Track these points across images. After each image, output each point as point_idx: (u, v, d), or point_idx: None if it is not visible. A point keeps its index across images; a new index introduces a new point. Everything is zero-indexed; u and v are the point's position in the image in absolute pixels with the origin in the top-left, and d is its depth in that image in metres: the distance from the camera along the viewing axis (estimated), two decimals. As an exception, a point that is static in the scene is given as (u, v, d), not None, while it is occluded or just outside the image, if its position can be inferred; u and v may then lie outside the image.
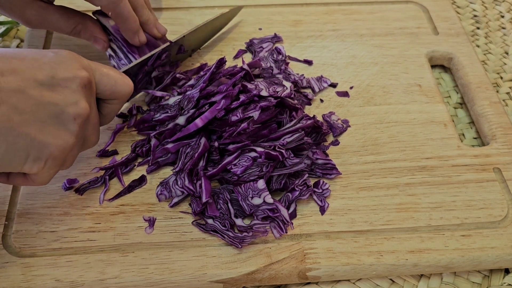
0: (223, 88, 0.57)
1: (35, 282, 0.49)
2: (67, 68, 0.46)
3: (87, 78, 0.47)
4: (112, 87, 0.51)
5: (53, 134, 0.44)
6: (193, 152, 0.56)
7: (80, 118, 0.46)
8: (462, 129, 0.67)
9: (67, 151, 0.46)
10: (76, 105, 0.45)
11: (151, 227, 0.53)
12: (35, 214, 0.54)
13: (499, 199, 0.57)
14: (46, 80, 0.44)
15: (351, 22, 0.76)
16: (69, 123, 0.45)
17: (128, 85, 0.52)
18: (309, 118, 0.59)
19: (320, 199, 0.56)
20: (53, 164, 0.46)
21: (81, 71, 0.46)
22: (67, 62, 0.46)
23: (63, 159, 0.46)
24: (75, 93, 0.45)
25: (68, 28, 0.60)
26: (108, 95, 0.51)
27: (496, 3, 0.85)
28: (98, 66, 0.50)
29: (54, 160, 0.45)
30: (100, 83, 0.50)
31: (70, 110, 0.45)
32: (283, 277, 0.51)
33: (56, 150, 0.45)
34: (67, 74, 0.45)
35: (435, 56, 0.73)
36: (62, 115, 0.45)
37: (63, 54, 0.47)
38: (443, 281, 0.54)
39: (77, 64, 0.47)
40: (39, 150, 0.44)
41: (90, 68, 0.49)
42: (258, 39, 0.72)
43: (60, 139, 0.45)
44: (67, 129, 0.45)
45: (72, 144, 0.46)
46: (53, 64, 0.45)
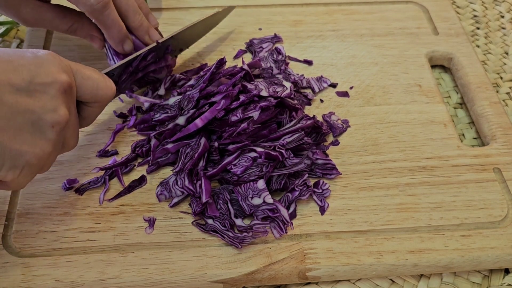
0: (223, 88, 0.57)
1: (35, 282, 0.49)
2: (46, 72, 0.43)
3: (67, 82, 0.44)
4: (93, 91, 0.49)
5: (29, 142, 0.43)
6: (193, 152, 0.56)
7: (58, 125, 0.44)
8: (462, 129, 0.67)
9: (44, 159, 0.44)
10: (54, 112, 0.43)
11: (151, 227, 0.53)
12: (35, 214, 0.54)
13: (499, 199, 0.57)
14: (23, 84, 0.42)
15: (351, 22, 0.76)
16: (47, 131, 0.43)
17: (110, 88, 0.50)
18: (309, 118, 0.59)
19: (320, 199, 0.56)
20: (29, 172, 0.44)
21: (61, 74, 0.44)
22: (46, 65, 0.44)
23: (40, 166, 0.45)
24: (53, 99, 0.43)
25: (64, 27, 0.60)
26: (89, 98, 0.49)
27: (496, 3, 0.85)
28: (80, 68, 0.48)
29: (30, 167, 0.44)
30: (81, 86, 0.48)
31: (48, 117, 0.43)
32: (283, 277, 0.51)
33: (33, 159, 0.43)
34: (46, 78, 0.43)
35: (435, 56, 0.73)
36: (39, 123, 0.43)
37: (42, 55, 0.44)
38: (443, 281, 0.54)
39: (57, 67, 0.44)
40: (14, 159, 0.42)
41: (70, 71, 0.46)
42: (258, 39, 0.72)
43: (37, 147, 0.43)
44: (45, 137, 0.43)
45: (49, 152, 0.44)
46: (31, 67, 0.43)
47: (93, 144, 0.60)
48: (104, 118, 0.62)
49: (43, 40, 0.70)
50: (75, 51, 0.69)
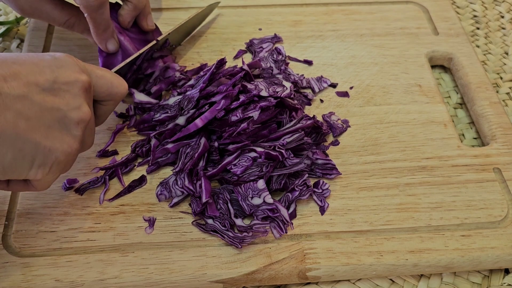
0: (223, 88, 0.57)
1: (35, 282, 0.49)
2: (67, 72, 0.45)
3: (87, 81, 0.47)
4: (108, 89, 0.51)
5: (58, 139, 0.44)
6: (193, 152, 0.56)
7: (83, 122, 0.46)
8: (462, 129, 0.67)
9: (72, 155, 0.46)
10: (78, 110, 0.45)
11: (151, 227, 0.53)
12: (35, 214, 0.54)
13: (499, 199, 0.57)
14: (48, 84, 0.44)
15: (351, 22, 0.76)
16: (73, 128, 0.45)
17: (123, 86, 0.52)
18: (309, 118, 0.59)
19: (320, 199, 0.56)
20: (57, 169, 0.45)
21: (81, 74, 0.46)
22: (66, 66, 0.46)
23: (66, 163, 0.46)
24: (76, 97, 0.45)
25: (61, 20, 0.60)
26: (104, 97, 0.51)
27: (496, 3, 0.85)
28: (93, 68, 0.50)
29: (58, 165, 0.45)
30: (97, 85, 0.50)
31: (73, 114, 0.45)
32: (283, 277, 0.51)
33: (62, 155, 0.45)
34: (68, 78, 0.45)
35: (435, 56, 0.73)
36: (65, 120, 0.44)
37: (61, 57, 0.46)
38: (443, 281, 0.54)
39: (77, 67, 0.46)
40: (45, 156, 0.44)
41: (87, 71, 0.48)
42: (258, 39, 0.72)
43: (65, 144, 0.45)
44: (71, 134, 0.45)
45: (76, 149, 0.46)
46: (54, 68, 0.45)
47: (93, 144, 0.60)
48: (104, 118, 0.62)
49: (43, 40, 0.70)
50: (75, 51, 0.69)
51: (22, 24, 0.77)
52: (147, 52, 0.62)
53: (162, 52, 0.65)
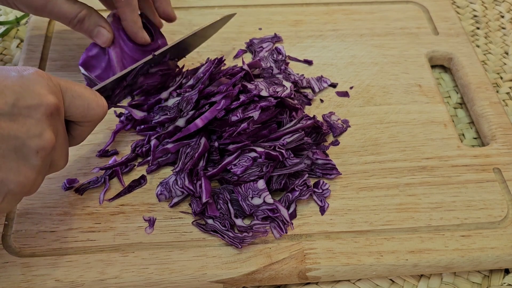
0: (223, 88, 0.57)
1: (35, 282, 0.49)
2: (32, 94, 0.41)
3: (53, 105, 0.42)
4: (84, 110, 0.47)
5: (13, 170, 0.40)
6: (193, 152, 0.56)
7: (43, 151, 0.41)
8: (462, 129, 0.67)
9: (29, 186, 0.42)
10: (39, 138, 0.41)
11: (151, 227, 0.53)
12: (35, 214, 0.54)
13: (499, 200, 0.57)
14: (7, 108, 0.39)
15: (351, 22, 0.76)
16: (31, 157, 0.41)
17: (101, 107, 0.48)
18: (309, 118, 0.59)
19: (320, 199, 0.56)
20: (12, 199, 0.42)
21: (47, 97, 0.42)
22: (32, 86, 0.41)
23: (25, 192, 0.42)
24: (38, 123, 0.41)
25: (72, 13, 0.58)
26: (80, 118, 0.47)
27: (496, 3, 0.85)
28: (70, 86, 0.46)
29: (14, 195, 0.41)
30: (71, 106, 0.46)
31: (32, 143, 0.41)
32: (283, 277, 0.51)
33: (16, 187, 0.41)
34: (31, 101, 0.40)
35: (435, 56, 0.73)
36: (23, 149, 0.40)
37: (28, 75, 0.42)
38: (443, 281, 0.54)
39: (44, 88, 0.42)
40: None
41: (59, 90, 0.44)
42: (258, 39, 0.72)
43: (20, 175, 0.41)
44: (29, 164, 0.41)
45: (33, 179, 0.42)
46: (16, 88, 0.40)
47: (93, 144, 0.60)
48: (104, 118, 0.62)
49: (43, 40, 0.70)
50: (75, 51, 0.69)
51: (22, 24, 0.77)
52: (141, 67, 0.60)
53: (162, 66, 0.63)
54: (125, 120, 0.61)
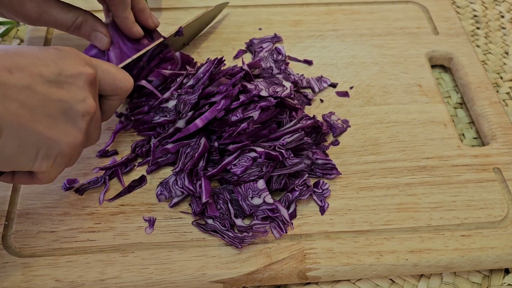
0: (223, 89, 0.57)
1: (35, 282, 0.49)
2: (72, 65, 0.45)
3: (92, 74, 0.46)
4: (113, 84, 0.51)
5: (62, 131, 0.44)
6: (193, 152, 0.56)
7: (88, 115, 0.45)
8: (462, 129, 0.67)
9: (76, 148, 0.46)
10: (84, 102, 0.45)
11: (151, 227, 0.53)
12: (35, 214, 0.54)
13: (499, 199, 0.57)
14: (53, 76, 0.43)
15: (351, 22, 0.76)
16: (78, 120, 0.45)
17: (128, 81, 0.52)
18: (309, 118, 0.59)
19: (320, 199, 0.56)
20: (61, 162, 0.45)
21: (86, 67, 0.46)
22: (71, 59, 0.45)
23: (71, 157, 0.46)
24: (82, 90, 0.45)
25: (68, 22, 0.60)
26: (109, 91, 0.51)
27: (496, 3, 0.85)
28: (99, 63, 0.50)
29: (63, 157, 0.45)
30: (102, 80, 0.50)
31: (78, 107, 0.45)
32: (283, 277, 0.51)
33: (66, 147, 0.44)
34: (73, 70, 0.45)
35: (435, 56, 0.73)
36: (70, 112, 0.44)
37: (66, 50, 0.46)
38: (443, 281, 0.54)
39: (81, 60, 0.46)
40: (49, 147, 0.43)
41: (92, 65, 0.48)
42: (258, 39, 0.72)
43: (70, 136, 0.44)
44: (76, 126, 0.45)
45: (81, 141, 0.46)
46: (58, 60, 0.44)
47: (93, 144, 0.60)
48: (104, 118, 0.62)
49: (43, 40, 0.70)
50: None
51: (22, 24, 0.77)
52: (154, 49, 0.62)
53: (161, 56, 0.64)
54: (125, 121, 0.61)
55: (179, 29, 0.65)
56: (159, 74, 0.63)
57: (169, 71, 0.63)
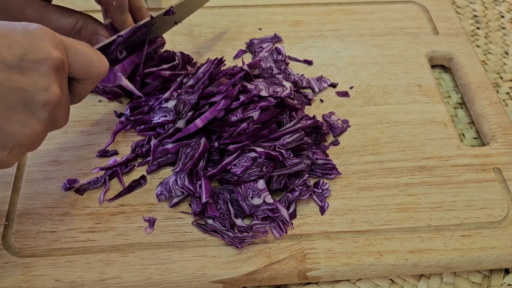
0: (223, 89, 0.57)
1: (35, 282, 0.49)
2: (39, 48, 0.41)
3: (59, 59, 0.43)
4: (86, 68, 0.47)
5: (20, 122, 0.41)
6: (193, 152, 0.56)
7: (50, 105, 0.42)
8: (462, 129, 0.67)
9: (35, 139, 0.43)
10: (46, 91, 0.42)
11: (151, 227, 0.53)
12: (35, 214, 0.54)
13: (499, 199, 0.57)
14: (15, 62, 0.40)
15: (351, 22, 0.76)
16: (38, 110, 0.42)
17: (103, 64, 0.49)
18: (309, 118, 0.59)
19: (320, 199, 0.56)
20: (18, 152, 0.43)
21: (53, 51, 0.42)
22: (39, 40, 0.42)
23: (30, 145, 0.44)
24: (45, 77, 0.42)
25: (69, 26, 0.59)
26: (82, 76, 0.47)
27: (496, 3, 0.85)
28: (73, 43, 0.46)
29: (20, 147, 0.43)
30: (74, 63, 0.46)
31: (40, 96, 0.41)
32: (283, 277, 0.51)
33: (23, 139, 0.42)
34: (38, 55, 0.41)
35: (435, 56, 0.73)
36: (31, 102, 0.41)
37: (34, 29, 0.42)
38: (443, 281, 0.54)
39: (50, 43, 0.42)
40: (4, 139, 0.41)
41: (63, 46, 0.45)
42: (258, 39, 0.72)
43: (28, 127, 0.42)
44: (36, 116, 0.42)
45: (40, 132, 0.43)
46: (24, 42, 0.41)
47: (93, 144, 0.60)
48: (104, 118, 0.62)
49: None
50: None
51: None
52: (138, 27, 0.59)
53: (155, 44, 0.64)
54: (125, 121, 0.61)
55: (170, 9, 0.63)
56: (158, 75, 0.63)
57: (169, 72, 0.63)
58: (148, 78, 0.63)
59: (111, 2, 0.59)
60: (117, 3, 0.59)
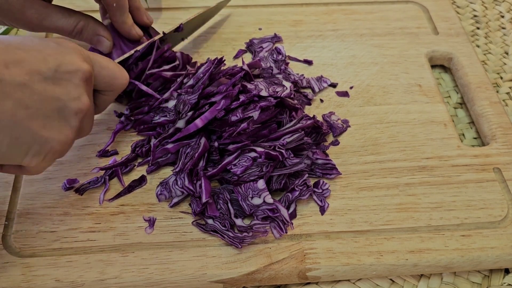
0: (223, 88, 0.57)
1: (35, 282, 0.49)
2: (70, 61, 0.45)
3: (89, 71, 0.47)
4: (110, 80, 0.51)
5: (55, 130, 0.44)
6: (193, 152, 0.56)
7: (81, 113, 0.46)
8: (462, 129, 0.67)
9: (67, 145, 0.46)
10: (78, 100, 0.45)
11: (151, 227, 0.53)
12: (35, 214, 0.54)
13: (499, 199, 0.57)
14: (50, 73, 0.43)
15: (351, 22, 0.76)
16: (71, 118, 0.45)
17: (125, 77, 0.53)
18: (309, 118, 0.59)
19: (320, 199, 0.56)
20: (51, 158, 0.46)
21: (83, 64, 0.46)
22: (70, 54, 0.46)
23: (61, 152, 0.46)
24: (77, 87, 0.45)
25: (69, 27, 0.59)
26: (105, 87, 0.52)
27: (496, 3, 0.85)
28: (97, 58, 0.50)
29: (53, 154, 0.45)
30: (99, 76, 0.50)
31: (72, 105, 0.45)
32: (283, 277, 0.51)
33: (57, 145, 0.45)
34: (70, 67, 0.45)
35: (435, 56, 0.73)
36: (65, 110, 0.45)
37: (66, 44, 0.46)
38: (443, 281, 0.54)
39: (80, 56, 0.46)
40: (40, 145, 0.44)
41: (90, 60, 0.48)
42: (258, 39, 0.72)
43: (62, 134, 0.45)
44: (69, 124, 0.45)
45: (72, 139, 0.46)
46: (57, 56, 0.44)
47: (93, 144, 0.60)
48: (104, 118, 0.62)
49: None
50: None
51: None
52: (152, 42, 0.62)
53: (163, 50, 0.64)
54: (125, 120, 0.61)
55: (180, 26, 0.66)
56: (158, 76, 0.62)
57: (170, 72, 0.63)
58: (150, 78, 0.63)
59: (111, 4, 0.59)
60: (117, 4, 0.59)
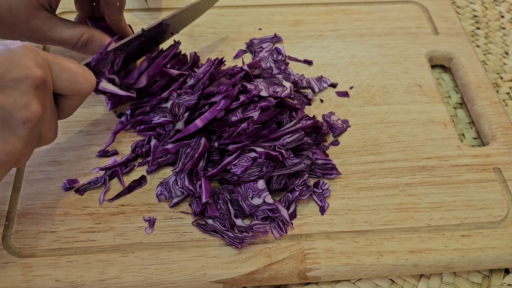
0: (223, 89, 0.57)
1: (35, 282, 0.49)
2: (18, 67, 0.42)
3: (40, 77, 0.43)
4: (71, 84, 0.48)
5: (0, 140, 0.42)
6: (193, 152, 0.56)
7: (30, 122, 0.43)
8: (462, 129, 0.67)
9: (16, 156, 0.43)
10: (25, 109, 0.42)
11: (151, 227, 0.53)
12: (35, 214, 0.54)
13: (499, 199, 0.57)
14: None
15: (351, 22, 0.76)
16: (18, 128, 0.42)
17: (89, 80, 0.49)
18: (309, 118, 0.59)
19: (320, 199, 0.56)
20: (1, 168, 0.43)
21: (33, 70, 0.43)
22: (20, 60, 0.42)
23: (13, 162, 0.44)
24: (25, 95, 0.42)
25: (74, 38, 0.59)
26: (67, 91, 0.48)
27: (496, 3, 0.85)
28: (57, 60, 0.47)
29: (1, 164, 0.43)
30: (59, 79, 0.47)
31: (18, 114, 0.42)
32: (283, 277, 0.51)
33: (3, 156, 0.42)
34: (17, 74, 0.42)
35: (435, 56, 0.73)
36: (10, 119, 0.42)
37: (16, 49, 0.43)
38: (443, 281, 0.54)
39: (31, 62, 0.43)
40: None
41: (46, 64, 0.45)
42: (258, 39, 0.72)
43: (8, 144, 0.42)
44: (16, 134, 0.43)
45: (20, 149, 0.43)
46: (3, 62, 0.42)
47: (93, 144, 0.60)
48: (104, 118, 0.62)
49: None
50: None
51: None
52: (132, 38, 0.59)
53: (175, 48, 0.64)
54: (125, 121, 0.61)
55: (162, 22, 0.62)
56: (165, 73, 0.62)
57: (176, 71, 0.63)
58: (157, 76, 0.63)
59: (115, 2, 0.58)
60: (120, 4, 0.59)
